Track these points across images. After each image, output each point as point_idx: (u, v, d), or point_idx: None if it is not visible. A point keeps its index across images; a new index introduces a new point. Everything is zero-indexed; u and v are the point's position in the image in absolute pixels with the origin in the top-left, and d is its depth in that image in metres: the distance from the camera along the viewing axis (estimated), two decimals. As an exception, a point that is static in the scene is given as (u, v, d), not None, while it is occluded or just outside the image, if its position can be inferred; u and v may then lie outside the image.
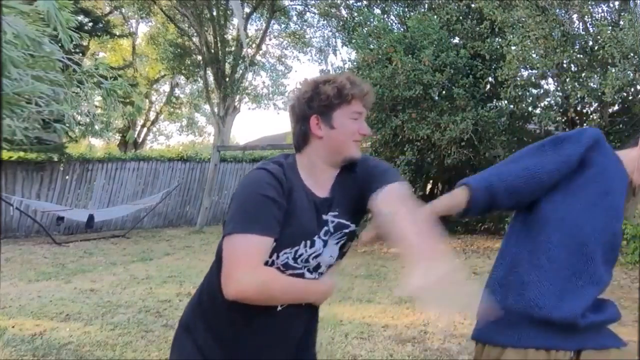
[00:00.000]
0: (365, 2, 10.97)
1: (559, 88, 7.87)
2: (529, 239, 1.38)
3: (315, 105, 1.30)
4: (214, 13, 15.61)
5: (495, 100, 8.63)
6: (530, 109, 8.35)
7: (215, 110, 16.31)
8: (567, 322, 1.32)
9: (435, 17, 8.61)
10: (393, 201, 1.24)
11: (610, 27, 6.88)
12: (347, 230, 1.36)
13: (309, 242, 1.29)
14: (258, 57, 18.78)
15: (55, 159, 9.69)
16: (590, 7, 7.32)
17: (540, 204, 1.36)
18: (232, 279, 1.16)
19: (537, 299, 1.32)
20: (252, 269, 1.17)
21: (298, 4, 17.38)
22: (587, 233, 1.33)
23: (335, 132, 1.30)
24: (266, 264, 1.26)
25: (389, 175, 1.31)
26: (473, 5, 8.68)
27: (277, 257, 1.28)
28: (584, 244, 1.33)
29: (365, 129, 1.33)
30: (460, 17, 8.70)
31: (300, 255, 1.30)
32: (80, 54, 10.71)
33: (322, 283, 1.37)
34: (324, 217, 1.32)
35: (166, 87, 22.65)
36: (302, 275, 1.33)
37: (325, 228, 1.32)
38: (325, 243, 1.33)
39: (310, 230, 1.30)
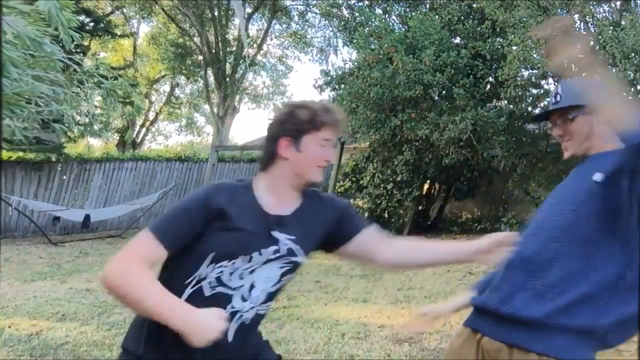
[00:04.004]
0: (366, 2, 10.97)
1: (559, 88, 7.85)
2: None
3: (288, 127, 1.35)
4: (215, 13, 15.63)
5: (495, 100, 8.61)
6: (530, 109, 8.33)
7: (215, 110, 16.32)
8: (480, 307, 1.48)
9: (437, 17, 8.60)
10: (382, 239, 1.51)
11: (611, 27, 6.87)
12: (295, 259, 1.36)
13: (247, 257, 1.29)
14: (259, 57, 18.82)
15: (53, 159, 9.69)
16: (591, 7, 7.30)
17: None
18: (109, 262, 1.22)
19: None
20: (127, 259, 1.22)
21: (299, 4, 17.42)
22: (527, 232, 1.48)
23: (301, 155, 1.35)
24: (197, 277, 1.27)
25: (361, 220, 1.54)
26: (474, 6, 8.67)
27: (213, 269, 1.27)
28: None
29: (331, 155, 1.40)
30: (462, 17, 8.69)
31: (236, 270, 1.28)
32: (82, 54, 10.68)
33: (197, 313, 1.17)
34: (275, 235, 1.33)
35: (166, 87, 22.69)
36: (229, 299, 1.28)
37: (275, 247, 1.32)
38: (267, 261, 1.31)
39: (249, 245, 1.29)
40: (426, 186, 10.36)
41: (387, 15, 10.34)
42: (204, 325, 1.14)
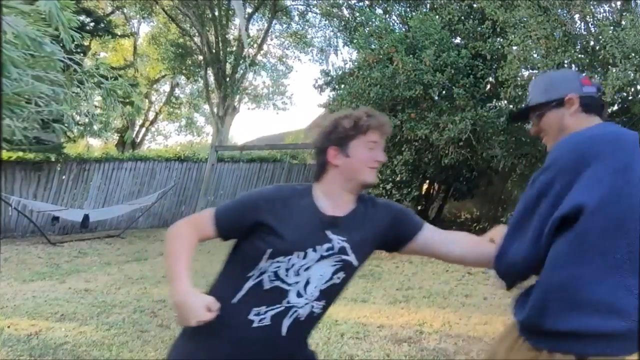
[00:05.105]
0: (367, 2, 10.96)
1: (559, 88, 7.84)
2: None
3: (334, 137, 1.45)
4: (216, 13, 15.62)
5: (495, 100, 8.61)
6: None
7: (215, 110, 16.31)
8: None
9: (437, 17, 8.60)
10: (443, 233, 1.55)
11: (612, 27, 6.86)
12: (347, 258, 1.42)
13: (302, 254, 1.37)
14: (259, 57, 18.78)
15: (53, 159, 9.67)
16: (592, 7, 7.29)
17: None
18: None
19: None
20: (189, 223, 1.45)
21: (300, 4, 17.39)
22: None
23: (351, 160, 1.43)
24: (258, 270, 1.37)
25: (420, 220, 1.55)
26: (475, 6, 8.65)
27: (270, 264, 1.36)
28: None
29: (381, 156, 1.47)
30: (462, 17, 8.68)
31: (292, 266, 1.36)
32: (82, 54, 10.67)
33: (189, 296, 1.28)
34: (329, 234, 1.40)
35: (166, 87, 22.63)
36: (286, 294, 1.37)
37: (329, 245, 1.40)
38: (320, 258, 1.39)
39: (303, 242, 1.38)
40: (425, 186, 10.36)
41: (387, 15, 10.33)
42: (187, 309, 1.27)
